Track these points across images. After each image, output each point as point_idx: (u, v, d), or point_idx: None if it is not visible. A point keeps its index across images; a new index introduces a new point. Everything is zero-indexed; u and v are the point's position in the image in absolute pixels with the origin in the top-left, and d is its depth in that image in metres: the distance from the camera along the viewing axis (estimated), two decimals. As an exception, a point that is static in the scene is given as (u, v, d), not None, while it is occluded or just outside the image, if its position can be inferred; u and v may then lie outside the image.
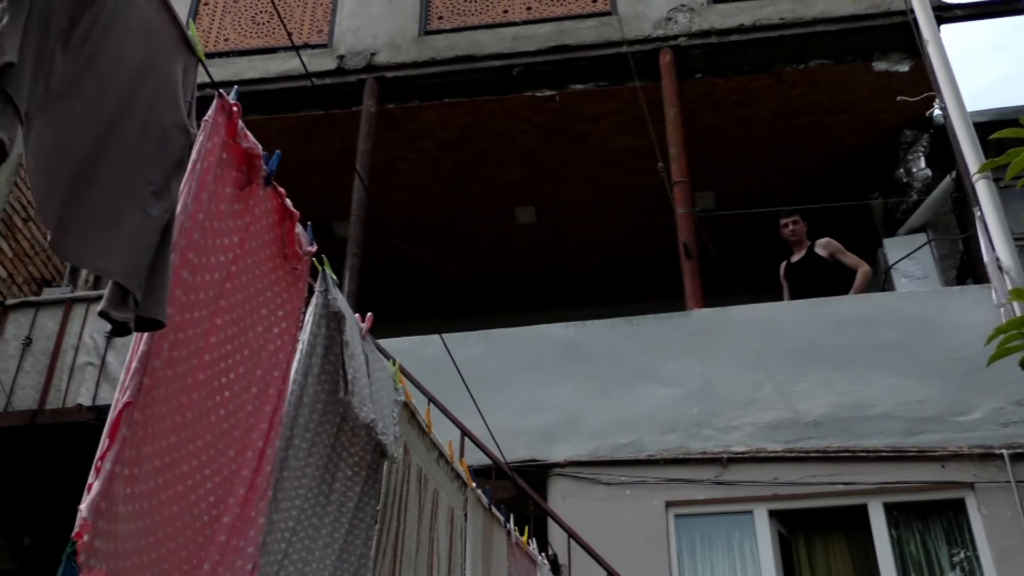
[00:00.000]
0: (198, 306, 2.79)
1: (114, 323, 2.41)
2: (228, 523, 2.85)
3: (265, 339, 3.12)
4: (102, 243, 2.38)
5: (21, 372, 7.93)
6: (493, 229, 11.89)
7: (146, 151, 2.62)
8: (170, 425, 2.69)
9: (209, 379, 2.85)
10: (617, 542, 7.31)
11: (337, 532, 3.49)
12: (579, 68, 10.26)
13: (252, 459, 2.97)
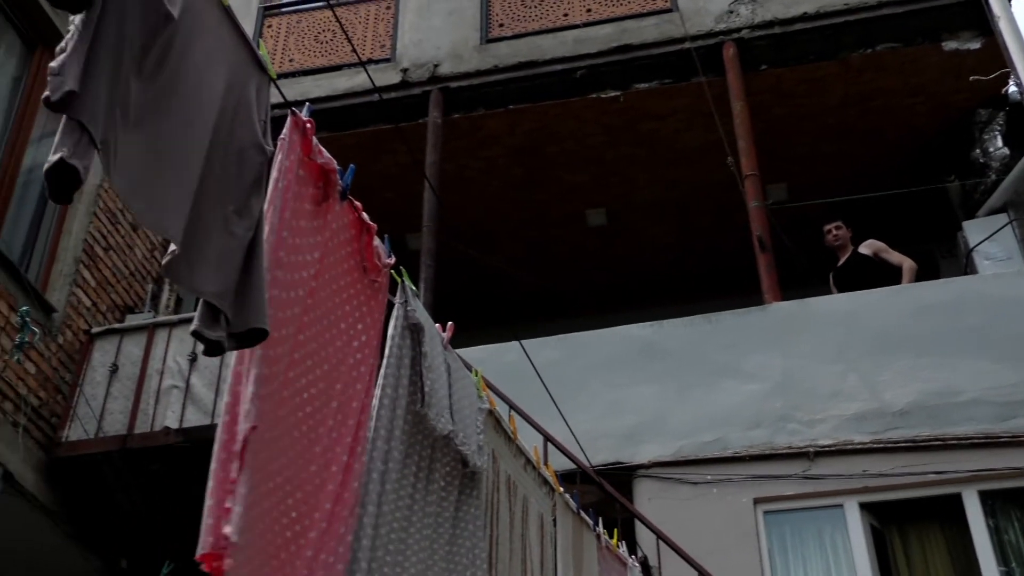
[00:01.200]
0: (285, 323, 2.82)
1: (207, 342, 2.45)
2: (315, 538, 2.86)
3: (344, 353, 3.14)
4: (192, 263, 2.41)
5: (109, 398, 8.06)
6: (564, 233, 11.87)
7: (226, 172, 2.65)
8: (257, 445, 2.71)
9: (292, 395, 2.88)
10: (706, 542, 7.24)
11: (438, 542, 3.50)
12: (642, 67, 10.21)
13: (337, 473, 2.99)
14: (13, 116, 8.21)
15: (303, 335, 2.93)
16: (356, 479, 3.07)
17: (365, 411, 3.18)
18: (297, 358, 2.90)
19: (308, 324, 2.96)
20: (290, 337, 2.86)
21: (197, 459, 7.74)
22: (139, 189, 2.34)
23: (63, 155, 2.03)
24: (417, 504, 3.47)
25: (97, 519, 8.07)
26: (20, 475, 7.43)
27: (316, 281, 3.00)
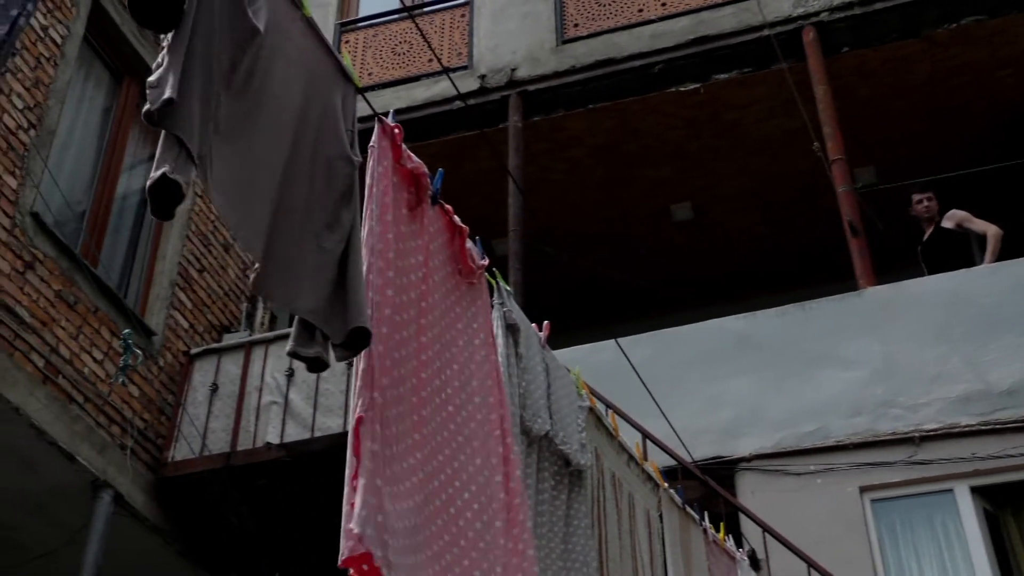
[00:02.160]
0: (405, 325, 2.85)
1: (305, 360, 2.46)
2: (502, 528, 2.90)
3: (470, 351, 3.17)
4: (284, 280, 2.44)
5: (211, 416, 8.20)
6: (651, 229, 11.80)
7: (316, 185, 2.68)
8: (412, 443, 2.75)
9: (431, 395, 2.90)
10: (814, 532, 7.14)
11: (554, 540, 3.50)
12: (721, 57, 10.12)
13: (499, 465, 3.02)
14: (105, 146, 8.40)
15: (425, 336, 2.96)
16: (517, 467, 3.10)
17: (504, 405, 3.20)
18: (425, 359, 2.94)
19: (427, 325, 2.99)
20: (413, 338, 2.89)
21: (300, 473, 7.87)
22: (234, 204, 2.37)
23: (165, 171, 2.07)
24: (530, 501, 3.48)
25: (207, 536, 8.21)
26: (130, 496, 7.59)
27: (426, 284, 3.03)
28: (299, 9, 2.70)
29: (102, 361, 7.62)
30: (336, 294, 2.56)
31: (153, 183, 2.09)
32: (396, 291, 2.85)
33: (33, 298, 7.11)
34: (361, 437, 2.55)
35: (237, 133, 2.38)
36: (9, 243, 7.01)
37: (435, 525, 2.74)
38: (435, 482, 2.81)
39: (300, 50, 2.72)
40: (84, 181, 8.19)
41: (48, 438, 6.97)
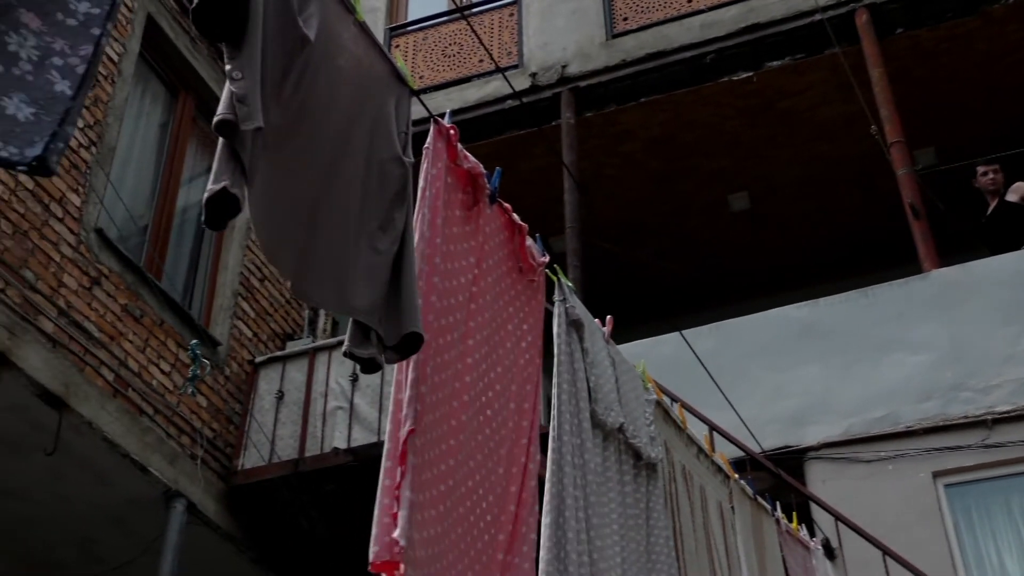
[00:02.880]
0: (450, 329, 2.84)
1: (360, 361, 2.47)
2: (503, 540, 2.88)
3: (515, 354, 3.15)
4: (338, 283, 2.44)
5: (278, 424, 8.27)
6: (708, 221, 11.73)
7: (367, 188, 2.68)
8: (445, 449, 2.74)
9: (472, 399, 2.89)
10: (887, 520, 7.06)
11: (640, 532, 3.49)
12: (773, 44, 10.04)
13: (517, 475, 3.00)
14: (164, 160, 8.51)
15: (472, 339, 2.95)
16: (532, 478, 3.08)
17: (536, 411, 3.19)
18: (471, 363, 2.93)
19: (475, 328, 2.98)
20: (457, 342, 2.88)
21: (368, 477, 7.91)
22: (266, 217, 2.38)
23: (226, 184, 2.08)
24: (614, 496, 3.47)
25: (279, 543, 8.28)
26: (202, 505, 7.68)
27: (477, 285, 3.02)
28: (352, 14, 2.71)
29: (169, 373, 7.72)
30: (390, 296, 2.56)
31: (211, 196, 2.10)
32: (440, 296, 2.85)
33: (100, 313, 7.22)
34: (408, 449, 2.56)
35: (280, 144, 2.39)
36: (75, 260, 7.12)
37: (455, 533, 2.73)
38: (462, 488, 2.79)
39: (352, 55, 2.73)
40: (145, 196, 8.31)
41: (121, 450, 7.07)
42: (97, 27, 2.32)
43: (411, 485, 2.52)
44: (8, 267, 6.56)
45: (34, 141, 2.20)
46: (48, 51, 2.30)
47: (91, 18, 2.34)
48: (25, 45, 2.30)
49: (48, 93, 2.26)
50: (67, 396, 6.70)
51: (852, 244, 11.80)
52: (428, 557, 2.60)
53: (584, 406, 3.47)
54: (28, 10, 2.31)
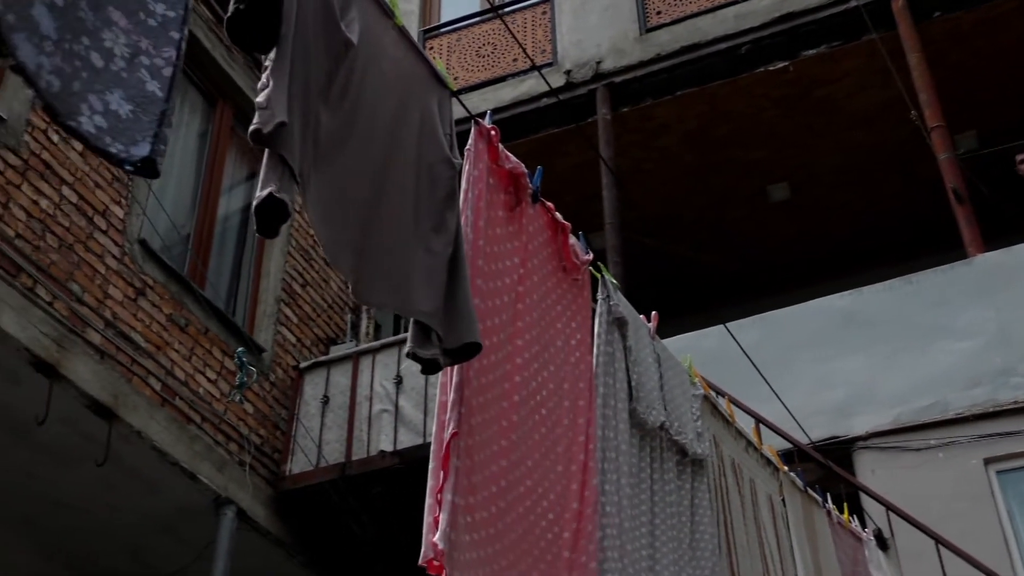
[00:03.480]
0: (495, 331, 2.84)
1: (422, 361, 2.48)
2: (568, 539, 2.88)
3: (565, 352, 3.15)
4: (398, 285, 2.45)
5: (324, 428, 8.31)
6: (747, 212, 11.67)
7: (418, 190, 2.70)
8: (497, 450, 2.74)
9: (524, 400, 2.89)
10: (938, 508, 7.00)
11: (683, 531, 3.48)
12: (808, 33, 9.97)
13: (577, 473, 3.00)
14: (204, 170, 8.57)
15: (521, 339, 2.95)
16: (594, 476, 3.07)
17: (592, 408, 3.19)
18: (520, 363, 2.93)
19: (523, 328, 2.99)
20: (505, 343, 2.89)
21: (414, 479, 7.94)
22: (326, 219, 2.39)
23: (272, 190, 2.10)
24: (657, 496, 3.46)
25: (329, 547, 8.32)
26: (252, 511, 7.73)
27: (522, 285, 3.02)
28: (391, 18, 2.72)
29: (216, 381, 7.78)
30: (448, 298, 2.57)
31: (259, 202, 2.12)
32: (484, 297, 2.85)
33: (146, 323, 7.28)
34: (451, 452, 2.56)
35: (334, 148, 2.41)
36: (120, 271, 7.18)
37: (514, 533, 2.73)
38: (519, 488, 2.79)
39: (393, 59, 2.74)
40: (186, 205, 8.37)
41: (170, 459, 7.13)
42: (175, 30, 2.35)
43: (454, 488, 2.53)
44: (55, 280, 6.63)
45: (137, 140, 2.22)
46: (136, 49, 2.33)
47: (168, 21, 2.37)
48: (118, 42, 2.33)
49: (142, 92, 2.29)
50: (116, 406, 6.76)
51: (894, 231, 11.70)
52: (482, 558, 2.60)
53: (622, 406, 3.46)
54: (115, 8, 2.34)
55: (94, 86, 2.25)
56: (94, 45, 2.28)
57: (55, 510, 7.36)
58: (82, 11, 2.27)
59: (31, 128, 6.78)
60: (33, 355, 6.30)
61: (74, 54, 2.25)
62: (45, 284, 6.54)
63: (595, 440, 3.13)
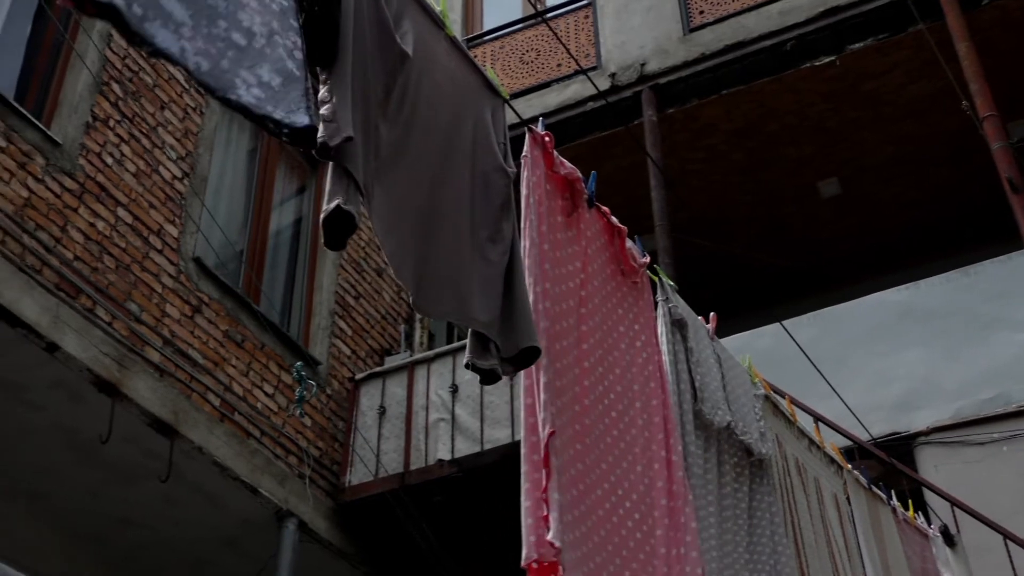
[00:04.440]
0: (564, 334, 2.85)
1: (481, 372, 2.49)
2: (663, 535, 2.88)
3: (632, 354, 3.15)
4: (457, 295, 2.47)
5: (382, 439, 8.35)
6: (799, 209, 11.59)
7: (474, 199, 2.71)
8: (573, 454, 2.75)
9: (594, 403, 2.90)
10: (1005, 503, 6.91)
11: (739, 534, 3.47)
12: (854, 26, 9.88)
13: (661, 470, 3.00)
14: (255, 186, 8.65)
15: (586, 343, 2.96)
16: (679, 470, 3.07)
17: (668, 407, 3.18)
18: (587, 366, 2.94)
19: (588, 332, 2.99)
20: (574, 347, 2.90)
21: (473, 486, 7.96)
22: (390, 230, 2.41)
23: (339, 202, 2.11)
24: (724, 496, 3.45)
25: (392, 557, 8.35)
26: (313, 523, 7.78)
27: (585, 289, 3.03)
28: (442, 29, 2.74)
29: (273, 395, 7.84)
30: (505, 307, 2.58)
31: (327, 215, 2.14)
32: (553, 301, 2.86)
33: (203, 340, 7.36)
34: (551, 451, 2.57)
35: (394, 159, 2.42)
36: (176, 289, 7.27)
37: (598, 536, 2.73)
38: (598, 491, 2.80)
39: (446, 69, 2.76)
40: (238, 222, 8.45)
41: (231, 473, 7.20)
42: (294, 19, 2.37)
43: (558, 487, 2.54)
44: (114, 301, 6.72)
45: (293, 109, 2.23)
46: (271, 29, 2.35)
47: (286, 9, 2.39)
48: (255, 21, 2.36)
49: (284, 68, 2.30)
50: (177, 423, 6.84)
51: (949, 223, 11.57)
52: (577, 559, 2.61)
53: (688, 407, 3.46)
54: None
55: (243, 62, 2.27)
56: (233, 26, 2.31)
57: (122, 527, 7.45)
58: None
59: (85, 152, 6.88)
60: (95, 375, 6.39)
61: (215, 36, 2.28)
62: (104, 305, 6.63)
63: (675, 435, 3.12)
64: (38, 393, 6.48)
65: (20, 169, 6.40)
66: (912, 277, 8.68)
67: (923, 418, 7.67)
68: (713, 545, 3.23)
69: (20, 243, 6.20)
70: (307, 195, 9.41)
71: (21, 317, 6.01)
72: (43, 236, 6.38)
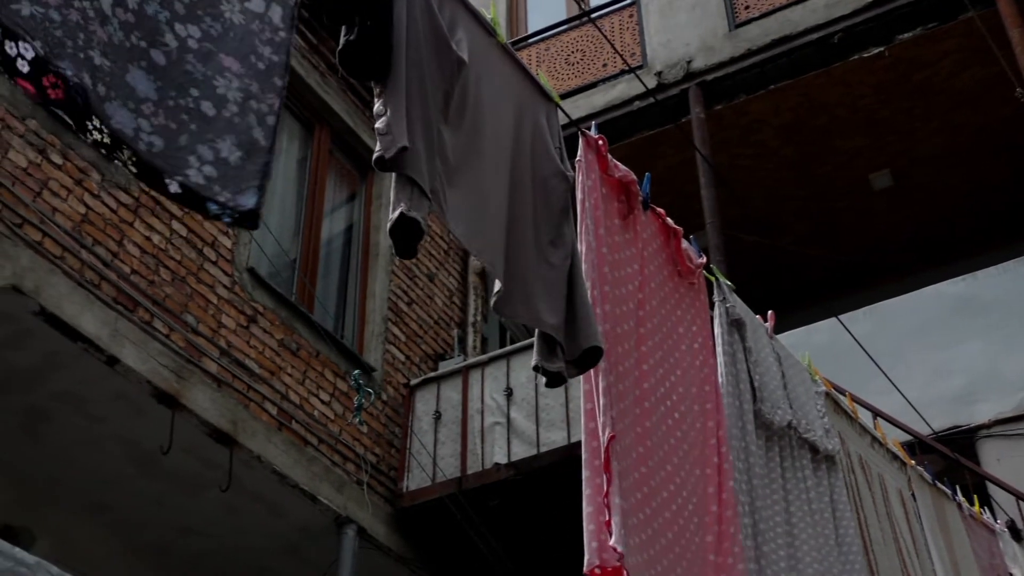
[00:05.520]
0: (625, 337, 2.85)
1: (548, 374, 2.49)
2: (712, 542, 2.87)
3: (690, 356, 3.15)
4: (526, 298, 2.47)
5: (438, 443, 8.36)
6: (851, 202, 11.50)
7: (535, 204, 2.71)
8: (637, 457, 2.75)
9: (655, 405, 2.90)
10: (1071, 495, 6.80)
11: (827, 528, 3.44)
12: (903, 16, 9.78)
13: (713, 475, 2.99)
14: (305, 195, 8.71)
15: (645, 346, 2.96)
16: (730, 478, 3.06)
17: (720, 410, 3.17)
18: (647, 369, 2.93)
19: (648, 334, 2.99)
20: (633, 350, 2.89)
21: (530, 489, 7.95)
22: (474, 231, 2.43)
23: (402, 210, 2.13)
24: (792, 495, 3.42)
25: (452, 561, 8.36)
26: (372, 530, 7.80)
27: (643, 292, 3.02)
28: (493, 36, 2.74)
29: (329, 402, 7.88)
30: (569, 310, 2.58)
31: (394, 223, 2.15)
32: (613, 304, 2.86)
33: (259, 350, 7.41)
34: (611, 455, 2.57)
35: (463, 162, 2.43)
36: (232, 300, 7.33)
37: (665, 538, 2.72)
38: (663, 494, 2.79)
39: (501, 75, 2.76)
40: (290, 231, 8.50)
41: (290, 482, 7.23)
42: (278, 76, 2.40)
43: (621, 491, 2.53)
44: (171, 313, 6.78)
45: (243, 188, 2.27)
46: (248, 93, 2.38)
47: (272, 65, 2.42)
48: (231, 87, 2.38)
49: (249, 138, 2.34)
50: (235, 433, 6.89)
51: (1003, 212, 11.42)
52: (642, 563, 2.60)
53: (748, 407, 3.44)
54: (228, 54, 2.39)
55: (204, 136, 2.30)
56: (205, 94, 2.33)
57: (184, 537, 7.52)
58: (189, 64, 2.32)
59: (139, 166, 6.94)
60: (154, 387, 6.45)
61: (180, 108, 2.29)
62: (161, 317, 6.70)
63: (727, 442, 3.11)
64: (99, 406, 6.56)
65: (77, 186, 6.48)
66: (968, 268, 8.57)
67: (984, 411, 7.57)
68: (781, 544, 3.21)
69: (79, 258, 6.28)
70: (357, 202, 9.45)
71: (81, 331, 6.08)
72: (101, 251, 6.46)
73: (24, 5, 2.08)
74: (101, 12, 2.19)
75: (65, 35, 2.11)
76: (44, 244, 6.09)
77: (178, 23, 2.31)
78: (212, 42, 2.34)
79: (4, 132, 6.15)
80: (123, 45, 2.22)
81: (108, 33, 2.19)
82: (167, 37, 2.29)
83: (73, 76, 2.12)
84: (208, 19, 2.34)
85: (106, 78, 2.19)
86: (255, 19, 2.41)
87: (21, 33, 2.05)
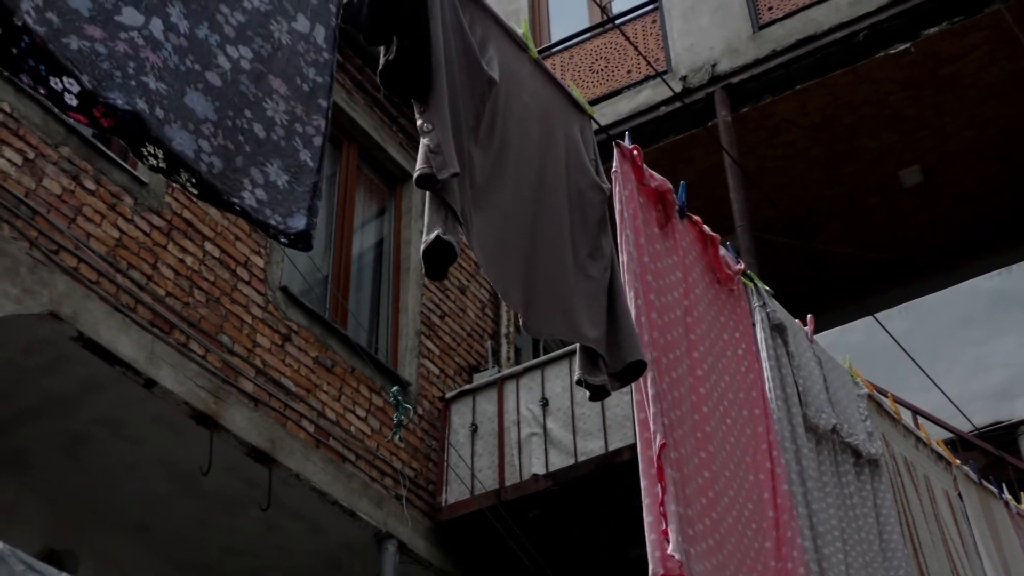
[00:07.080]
0: (675, 345, 2.85)
1: (591, 388, 2.48)
2: (771, 548, 2.86)
3: (736, 362, 3.14)
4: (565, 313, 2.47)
5: (475, 456, 8.36)
6: (881, 200, 11.42)
7: (572, 217, 2.71)
8: (698, 463, 2.75)
9: (711, 411, 2.89)
10: (1118, 489, 6.72)
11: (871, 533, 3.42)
12: (928, 11, 9.71)
13: (767, 480, 2.98)
14: (335, 212, 8.74)
15: (697, 351, 2.95)
16: (784, 482, 3.04)
17: (768, 415, 3.16)
18: (701, 374, 2.93)
19: (698, 340, 2.98)
20: (685, 356, 2.89)
21: (569, 500, 7.92)
22: (492, 256, 2.42)
23: (439, 233, 2.12)
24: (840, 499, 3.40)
25: (493, 574, 8.35)
26: (412, 544, 7.81)
27: (688, 299, 3.02)
28: (525, 51, 2.74)
29: (365, 418, 7.89)
30: (610, 323, 2.58)
31: (427, 246, 2.15)
32: (659, 312, 2.85)
33: (295, 368, 7.43)
34: (664, 465, 2.56)
35: (489, 186, 2.43)
36: (266, 319, 7.36)
37: (730, 544, 2.72)
38: (725, 499, 2.78)
39: (532, 90, 2.76)
40: (321, 248, 8.53)
41: (329, 498, 7.26)
42: (323, 98, 2.41)
43: (675, 499, 2.52)
44: (206, 334, 6.82)
45: (292, 211, 2.28)
46: (294, 116, 2.39)
47: (317, 87, 2.43)
48: (278, 110, 2.39)
49: (296, 161, 2.34)
50: (273, 451, 6.92)
51: (1036, 205, 11.32)
52: (711, 569, 2.59)
53: (796, 411, 3.42)
54: (276, 76, 2.40)
55: (256, 158, 2.30)
56: (256, 116, 2.34)
57: (226, 556, 7.56)
58: (243, 85, 2.33)
59: (171, 189, 7.00)
60: (192, 408, 6.49)
61: (236, 129, 2.30)
62: (197, 338, 6.73)
63: (778, 447, 3.09)
64: (138, 428, 6.61)
65: (110, 211, 6.53)
66: (1003, 262, 8.50)
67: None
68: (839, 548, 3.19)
69: (114, 283, 6.32)
70: (387, 217, 9.47)
71: (118, 355, 6.13)
72: (135, 275, 6.50)
73: (72, 39, 2.09)
74: (152, 39, 2.20)
75: (113, 67, 2.12)
76: (80, 270, 6.14)
77: (229, 45, 2.33)
78: (263, 63, 2.35)
79: (38, 160, 6.20)
80: (179, 69, 2.23)
81: (162, 58, 2.21)
82: (220, 59, 2.30)
83: (124, 104, 2.14)
84: (259, 39, 2.35)
85: (163, 101, 2.20)
86: (301, 39, 2.43)
87: (69, 67, 2.07)
